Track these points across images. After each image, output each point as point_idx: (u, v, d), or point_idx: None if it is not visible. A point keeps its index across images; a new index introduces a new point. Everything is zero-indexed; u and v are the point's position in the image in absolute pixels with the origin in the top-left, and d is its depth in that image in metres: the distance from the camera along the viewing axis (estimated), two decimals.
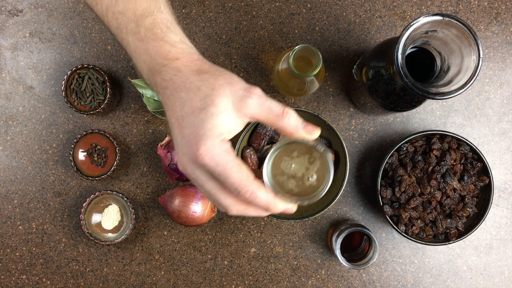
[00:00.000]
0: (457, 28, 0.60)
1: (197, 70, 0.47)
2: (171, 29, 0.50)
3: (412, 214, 0.79)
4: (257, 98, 0.45)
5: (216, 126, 0.44)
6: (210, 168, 0.44)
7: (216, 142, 0.44)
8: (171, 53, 0.48)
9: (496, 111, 0.86)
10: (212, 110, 0.44)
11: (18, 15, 0.87)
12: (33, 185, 0.87)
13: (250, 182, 0.44)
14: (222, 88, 0.45)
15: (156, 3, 0.50)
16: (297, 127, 0.46)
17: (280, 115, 0.45)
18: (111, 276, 0.86)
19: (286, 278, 0.86)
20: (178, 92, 0.46)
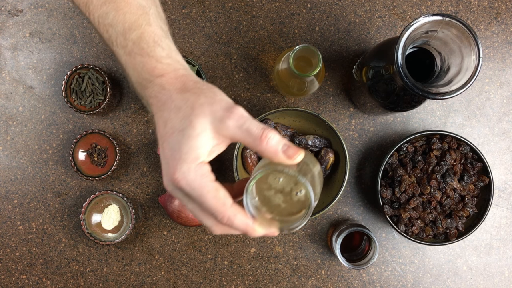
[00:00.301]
0: (457, 28, 0.60)
1: (180, 88, 0.46)
2: (158, 43, 0.48)
3: (412, 214, 0.79)
4: (236, 120, 0.43)
5: (192, 149, 0.43)
6: (186, 192, 0.44)
7: (192, 166, 0.43)
8: (157, 69, 0.47)
9: (496, 111, 0.86)
10: (189, 132, 0.43)
11: (18, 15, 0.87)
12: (33, 185, 0.87)
13: (227, 207, 0.43)
14: (202, 108, 0.44)
15: (145, 16, 0.49)
16: (277, 151, 0.43)
17: (258, 138, 0.43)
18: (111, 276, 0.86)
19: (286, 278, 0.86)
20: (162, 111, 0.46)
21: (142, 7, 0.49)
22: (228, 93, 0.86)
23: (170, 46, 0.49)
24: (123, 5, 0.49)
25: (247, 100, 0.86)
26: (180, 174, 0.43)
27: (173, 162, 0.44)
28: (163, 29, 0.50)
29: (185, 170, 0.43)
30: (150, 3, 0.50)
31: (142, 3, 0.50)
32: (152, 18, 0.50)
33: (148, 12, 0.50)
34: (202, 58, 0.86)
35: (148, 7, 0.50)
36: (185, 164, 0.43)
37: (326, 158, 0.81)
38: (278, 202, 0.46)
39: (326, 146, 0.82)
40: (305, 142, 0.81)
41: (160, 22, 0.50)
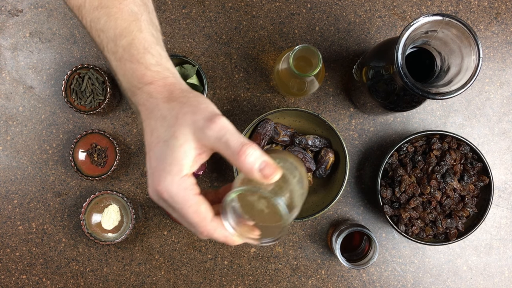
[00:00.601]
0: (457, 28, 0.60)
1: (167, 96, 0.46)
2: (148, 50, 0.48)
3: (412, 214, 0.79)
4: (217, 131, 0.43)
5: (176, 161, 0.43)
6: (169, 204, 0.44)
7: (176, 179, 0.43)
8: (146, 77, 0.47)
9: (496, 111, 0.86)
10: (172, 142, 0.44)
11: (18, 15, 0.87)
12: (33, 185, 0.87)
13: (207, 222, 0.44)
14: (185, 118, 0.44)
15: (137, 22, 0.49)
16: (253, 170, 0.42)
17: (237, 153, 0.42)
18: (111, 276, 0.86)
19: (286, 278, 0.86)
20: (149, 119, 0.46)
21: (134, 13, 0.49)
22: (228, 93, 0.86)
23: (161, 53, 0.49)
24: (115, 11, 0.49)
25: (247, 100, 0.86)
26: (163, 187, 0.44)
27: (157, 173, 0.44)
28: (155, 36, 0.50)
29: (168, 183, 0.43)
30: (143, 10, 0.50)
31: (134, 10, 0.49)
32: (143, 24, 0.49)
33: (140, 18, 0.49)
34: (202, 58, 0.86)
35: (140, 13, 0.50)
36: (169, 177, 0.43)
37: (326, 158, 0.81)
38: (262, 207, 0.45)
39: (326, 146, 0.82)
40: (305, 142, 0.81)
41: (152, 29, 0.50)
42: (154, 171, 0.44)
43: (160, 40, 0.51)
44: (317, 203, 0.82)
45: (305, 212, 0.81)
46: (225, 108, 0.86)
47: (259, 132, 0.81)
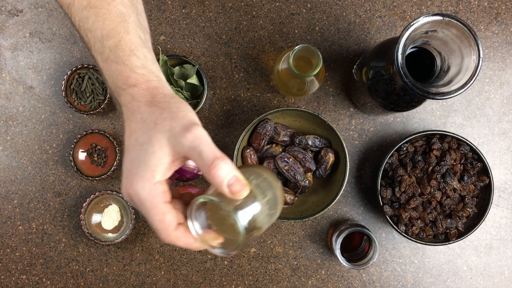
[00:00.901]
0: (457, 28, 0.60)
1: (149, 100, 0.47)
2: (134, 52, 0.48)
3: (412, 214, 0.79)
4: (191, 141, 0.43)
5: (149, 167, 0.44)
6: (137, 207, 0.45)
7: (147, 186, 0.44)
8: (130, 79, 0.48)
9: (496, 111, 0.86)
10: (148, 148, 0.44)
11: (18, 15, 0.87)
12: (33, 185, 0.87)
13: (169, 232, 0.45)
14: (163, 124, 0.44)
15: (124, 24, 0.49)
16: (221, 184, 0.42)
17: (208, 165, 0.42)
18: (111, 276, 0.86)
19: (286, 278, 0.86)
20: (130, 121, 0.47)
21: (122, 14, 0.49)
22: (228, 93, 0.86)
23: (147, 55, 0.49)
24: (103, 12, 0.49)
25: (247, 100, 0.86)
26: (133, 190, 0.44)
27: (130, 177, 0.45)
28: (142, 38, 0.50)
29: (139, 187, 0.44)
30: (131, 11, 0.50)
31: (122, 11, 0.50)
32: (131, 26, 0.49)
33: (128, 20, 0.49)
34: (202, 58, 0.86)
35: (128, 15, 0.50)
36: (140, 182, 0.44)
37: (326, 158, 0.81)
38: (224, 219, 0.46)
39: (326, 146, 0.82)
40: (305, 142, 0.81)
41: (139, 31, 0.50)
42: (128, 174, 0.45)
43: (147, 42, 0.51)
44: (317, 203, 0.82)
45: (305, 212, 0.81)
46: (225, 108, 0.86)
47: (259, 132, 0.81)
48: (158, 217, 0.44)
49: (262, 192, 0.46)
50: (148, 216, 0.45)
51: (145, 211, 0.45)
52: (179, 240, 0.45)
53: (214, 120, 0.86)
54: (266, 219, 0.46)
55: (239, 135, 0.85)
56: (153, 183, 0.44)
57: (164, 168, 0.45)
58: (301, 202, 0.83)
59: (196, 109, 0.80)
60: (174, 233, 0.45)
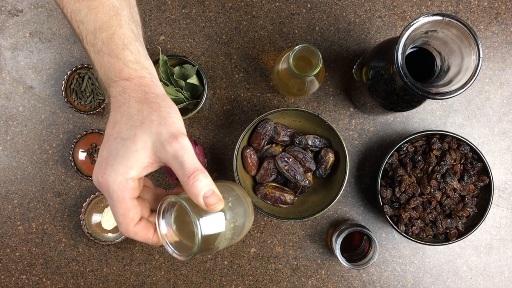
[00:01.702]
0: (457, 28, 0.60)
1: (140, 97, 0.47)
2: (127, 46, 0.49)
3: (412, 214, 0.79)
4: (176, 149, 0.44)
5: (125, 163, 0.45)
6: (105, 195, 0.46)
7: (118, 179, 0.45)
8: (123, 72, 0.48)
9: (496, 111, 0.86)
10: (130, 144, 0.45)
11: (18, 15, 0.87)
12: (33, 185, 0.87)
13: (130, 227, 0.46)
14: (150, 125, 0.45)
15: (117, 17, 0.49)
16: (198, 196, 0.44)
17: (187, 175, 0.44)
18: (111, 276, 0.86)
19: (286, 278, 0.86)
20: (116, 112, 0.47)
21: (115, 8, 0.50)
22: (228, 93, 0.86)
23: (140, 50, 0.50)
24: (96, 4, 0.49)
25: (247, 100, 0.86)
26: (104, 180, 0.45)
27: (104, 166, 0.45)
28: (134, 32, 0.50)
29: (111, 179, 0.45)
30: (124, 4, 0.51)
31: (115, 4, 0.50)
32: (124, 20, 0.50)
33: (121, 13, 0.50)
34: (202, 58, 0.86)
35: (121, 8, 0.50)
36: (113, 174, 0.45)
37: (326, 158, 0.81)
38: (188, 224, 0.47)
39: (326, 146, 0.82)
40: (305, 142, 0.81)
41: (132, 25, 0.51)
42: (102, 162, 0.46)
43: (140, 36, 0.51)
44: (317, 203, 0.82)
45: (305, 212, 0.81)
46: (225, 108, 0.86)
47: (259, 132, 0.81)
48: (122, 211, 0.45)
49: (232, 216, 0.48)
50: (112, 207, 0.46)
51: (111, 202, 0.46)
52: (137, 235, 0.46)
53: (214, 120, 0.86)
54: (225, 242, 0.48)
55: (239, 135, 0.85)
56: (126, 178, 0.45)
57: (141, 167, 0.45)
58: (301, 202, 0.83)
59: (196, 109, 0.80)
60: (134, 228, 0.46)
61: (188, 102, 0.82)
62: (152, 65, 0.51)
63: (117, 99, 0.48)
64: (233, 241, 0.49)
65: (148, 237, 0.47)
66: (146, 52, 0.51)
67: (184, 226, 0.47)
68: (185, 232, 0.47)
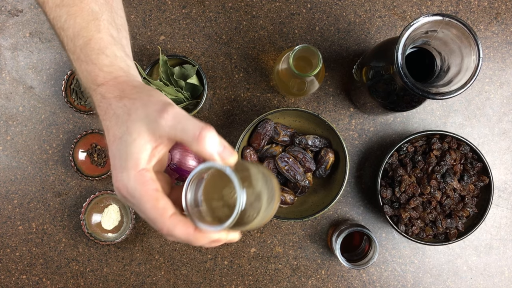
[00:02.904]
0: (457, 28, 0.60)
1: (119, 95, 0.45)
2: (103, 50, 0.47)
3: (412, 214, 0.79)
4: (170, 120, 0.42)
5: (131, 156, 0.43)
6: (129, 201, 0.43)
7: (132, 174, 0.43)
8: (99, 78, 0.47)
9: (496, 111, 0.86)
10: (126, 138, 0.43)
11: (18, 15, 0.87)
12: (33, 185, 0.87)
13: (165, 218, 0.42)
14: (137, 113, 0.43)
15: (96, 22, 0.48)
16: (213, 154, 0.42)
17: (195, 138, 0.41)
18: (111, 276, 0.86)
19: (286, 278, 0.86)
20: (104, 120, 0.46)
21: (94, 12, 0.48)
22: (228, 93, 0.86)
23: (116, 53, 0.48)
24: (75, 10, 0.48)
25: (247, 100, 0.86)
26: (120, 183, 0.43)
27: (115, 171, 0.44)
28: (114, 36, 0.49)
29: (125, 178, 0.43)
30: (104, 9, 0.49)
31: (95, 9, 0.49)
32: (103, 24, 0.48)
33: (100, 18, 0.49)
34: (202, 58, 0.86)
35: (101, 13, 0.49)
36: (125, 172, 0.43)
37: (326, 158, 0.81)
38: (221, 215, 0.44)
39: (326, 146, 0.82)
40: (305, 142, 0.81)
41: (112, 29, 0.49)
42: (113, 170, 0.44)
43: (121, 40, 0.50)
44: (317, 203, 0.82)
45: (305, 212, 0.81)
46: (225, 108, 0.86)
47: (259, 132, 0.81)
48: (150, 203, 0.42)
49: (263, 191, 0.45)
50: (139, 206, 0.43)
51: (136, 202, 0.43)
52: (176, 228, 0.42)
53: (214, 120, 0.86)
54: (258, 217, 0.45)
55: (239, 135, 0.85)
56: (138, 170, 0.43)
57: (148, 154, 0.43)
58: (301, 202, 0.83)
59: (196, 109, 0.80)
60: (171, 220, 0.42)
61: (188, 102, 0.82)
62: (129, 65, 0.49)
63: (101, 107, 0.46)
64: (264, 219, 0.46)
65: (189, 231, 0.43)
66: (126, 55, 0.49)
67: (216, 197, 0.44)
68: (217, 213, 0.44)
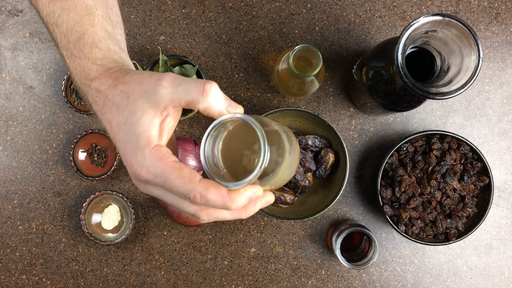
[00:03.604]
0: (457, 28, 0.60)
1: (112, 83, 0.44)
2: (96, 44, 0.46)
3: (412, 214, 0.79)
4: (169, 85, 0.41)
5: (141, 135, 0.41)
6: (151, 181, 0.41)
7: (146, 153, 0.40)
8: (92, 72, 0.45)
9: (496, 111, 0.86)
10: (131, 119, 0.41)
11: (18, 15, 0.87)
12: (33, 185, 0.87)
13: (195, 184, 0.39)
14: (134, 92, 0.42)
15: (90, 16, 0.47)
16: (222, 107, 0.41)
17: (200, 94, 0.40)
18: (111, 276, 0.86)
19: (286, 278, 0.86)
20: (103, 114, 0.44)
21: (88, 7, 0.48)
22: (228, 93, 0.86)
23: (110, 47, 0.47)
24: (69, 4, 0.47)
25: (247, 100, 0.86)
26: (137, 166, 0.40)
27: (128, 157, 0.41)
28: (108, 31, 0.48)
29: (140, 159, 0.40)
30: (99, 4, 0.49)
31: (89, 4, 0.48)
32: (97, 19, 0.48)
33: (94, 13, 0.48)
34: (202, 58, 0.86)
35: (95, 7, 0.48)
36: (139, 153, 0.40)
37: (326, 158, 0.81)
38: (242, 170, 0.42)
39: (326, 146, 0.82)
40: (305, 142, 0.81)
41: (107, 24, 0.48)
42: (126, 157, 0.42)
43: (116, 35, 0.49)
44: (317, 203, 0.82)
45: (305, 212, 0.81)
46: None
47: None
48: (175, 174, 0.39)
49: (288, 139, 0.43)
50: (165, 183, 0.40)
51: (159, 180, 0.40)
52: (209, 191, 0.39)
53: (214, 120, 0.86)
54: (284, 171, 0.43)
55: None
56: (152, 147, 0.41)
57: (157, 130, 0.41)
58: (301, 202, 0.83)
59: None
60: (201, 184, 0.39)
61: None
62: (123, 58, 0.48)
63: (97, 102, 0.45)
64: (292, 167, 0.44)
65: (223, 193, 0.39)
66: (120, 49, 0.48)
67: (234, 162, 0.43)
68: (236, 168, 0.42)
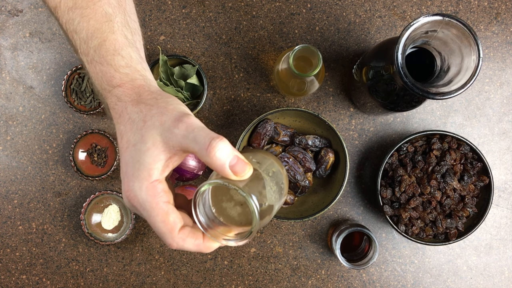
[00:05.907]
0: (457, 28, 0.60)
1: (136, 99, 0.45)
2: (118, 51, 0.47)
3: (412, 214, 0.79)
4: (183, 129, 0.41)
5: (144, 166, 0.42)
6: (138, 211, 0.43)
7: (144, 185, 0.42)
8: (115, 79, 0.46)
9: (496, 111, 0.86)
10: (140, 146, 0.42)
11: (18, 15, 0.87)
12: (33, 185, 0.87)
13: (174, 234, 0.42)
14: (152, 120, 0.43)
15: (109, 23, 0.48)
16: (223, 166, 0.40)
17: (205, 148, 0.40)
18: (111, 276, 0.86)
19: (286, 278, 0.86)
20: (118, 123, 0.45)
21: (107, 14, 0.48)
22: (228, 93, 0.86)
23: (132, 55, 0.48)
24: (88, 12, 0.48)
25: (247, 100, 0.86)
26: (131, 193, 0.42)
27: (127, 179, 0.43)
28: (128, 38, 0.49)
29: (136, 188, 0.42)
30: (117, 11, 0.49)
31: (108, 11, 0.49)
32: (116, 26, 0.48)
33: (113, 20, 0.48)
34: (202, 58, 0.86)
35: (114, 15, 0.49)
36: (137, 182, 0.42)
37: (326, 158, 0.81)
38: (233, 214, 0.44)
39: (326, 146, 0.82)
40: (305, 142, 0.81)
41: (126, 31, 0.49)
42: (125, 177, 0.43)
43: (135, 43, 0.50)
44: (317, 203, 0.82)
45: (305, 212, 0.81)
46: (225, 108, 0.86)
47: (259, 132, 0.81)
48: (160, 217, 0.42)
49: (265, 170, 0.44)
50: (150, 218, 0.42)
51: (146, 214, 0.42)
52: (185, 241, 0.42)
53: (214, 120, 0.86)
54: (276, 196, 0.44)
55: (239, 135, 0.85)
56: (150, 181, 0.42)
57: (161, 165, 0.43)
58: (301, 202, 0.83)
59: (196, 109, 0.80)
60: (180, 235, 0.42)
61: (188, 102, 0.82)
62: (145, 68, 0.49)
63: (115, 109, 0.46)
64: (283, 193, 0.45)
65: (198, 242, 0.42)
66: (141, 57, 0.49)
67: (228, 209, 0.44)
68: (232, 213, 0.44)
